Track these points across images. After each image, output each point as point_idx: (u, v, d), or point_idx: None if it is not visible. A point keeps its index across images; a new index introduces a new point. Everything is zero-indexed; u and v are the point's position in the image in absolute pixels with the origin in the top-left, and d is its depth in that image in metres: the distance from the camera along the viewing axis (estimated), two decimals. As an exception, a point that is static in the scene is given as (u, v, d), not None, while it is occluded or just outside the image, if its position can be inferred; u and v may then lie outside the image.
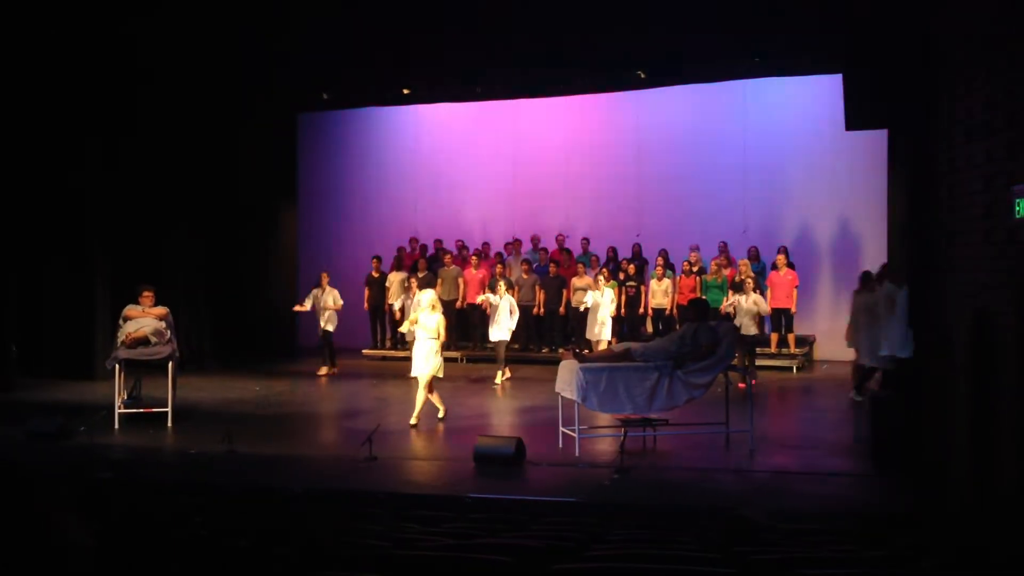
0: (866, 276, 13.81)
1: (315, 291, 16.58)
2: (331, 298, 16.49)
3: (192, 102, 17.05)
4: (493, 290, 16.36)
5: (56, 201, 16.21)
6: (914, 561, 5.13)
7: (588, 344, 16.31)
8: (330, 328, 16.66)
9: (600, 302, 16.18)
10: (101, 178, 16.49)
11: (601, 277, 16.63)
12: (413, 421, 12.15)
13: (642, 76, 16.17)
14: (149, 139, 16.94)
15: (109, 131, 16.42)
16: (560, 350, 16.36)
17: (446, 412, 12.55)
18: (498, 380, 15.80)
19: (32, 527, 1.89)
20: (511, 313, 15.84)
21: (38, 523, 1.91)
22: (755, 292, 15.55)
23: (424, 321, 12.28)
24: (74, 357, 16.06)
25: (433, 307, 12.28)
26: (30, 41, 15.14)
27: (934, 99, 8.87)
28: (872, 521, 7.75)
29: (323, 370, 16.76)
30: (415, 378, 12.42)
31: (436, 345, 12.22)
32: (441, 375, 12.39)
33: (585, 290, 17.34)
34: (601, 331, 16.22)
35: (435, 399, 12.49)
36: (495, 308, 15.89)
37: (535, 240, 19.96)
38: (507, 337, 15.96)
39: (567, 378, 10.73)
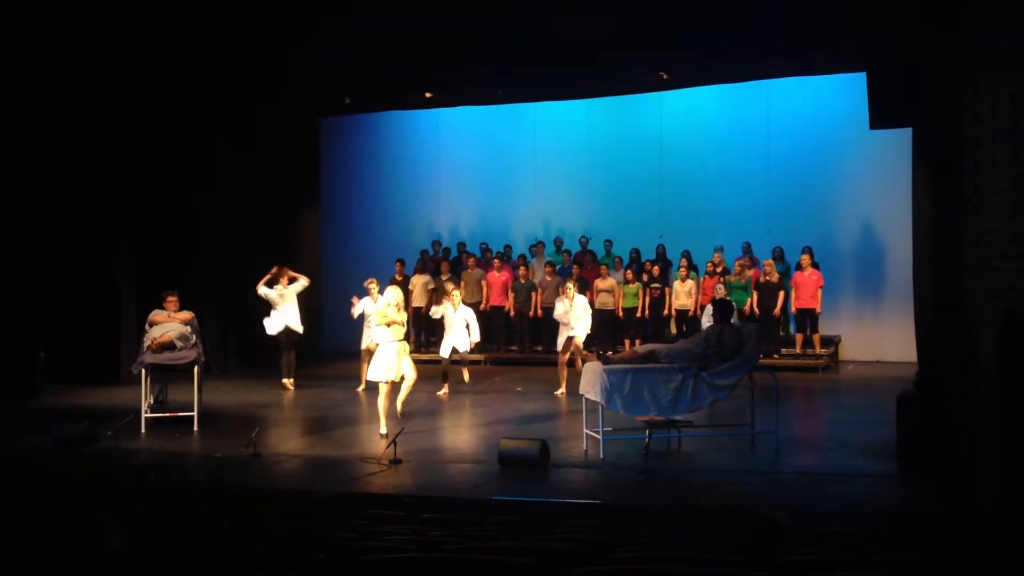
0: None
1: (276, 288, 15.57)
2: (300, 285, 15.57)
3: (215, 107, 17.15)
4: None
5: (82, 207, 16.34)
6: (943, 563, 5.08)
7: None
8: (297, 327, 15.61)
9: (568, 310, 14.61)
10: (127, 184, 16.61)
11: (570, 285, 15.02)
12: (383, 430, 11.68)
13: (665, 77, 16.13)
14: (174, 146, 17.06)
15: (139, 141, 16.56)
16: (584, 352, 16.30)
17: (400, 430, 11.31)
18: (443, 391, 14.93)
19: (63, 531, 1.90)
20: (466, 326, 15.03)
21: (69, 527, 1.92)
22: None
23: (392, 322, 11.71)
24: (100, 363, 16.19)
25: (399, 307, 11.74)
26: (57, 49, 15.28)
27: (959, 97, 8.80)
28: (900, 522, 7.68)
29: (288, 382, 15.79)
30: (383, 383, 11.75)
31: (405, 347, 11.76)
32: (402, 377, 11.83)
33: (610, 292, 17.34)
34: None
35: (382, 408, 11.75)
36: (451, 320, 14.97)
37: (558, 242, 19.95)
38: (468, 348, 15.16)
39: (591, 380, 10.70)
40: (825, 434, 12.49)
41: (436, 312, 15.52)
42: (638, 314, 18.05)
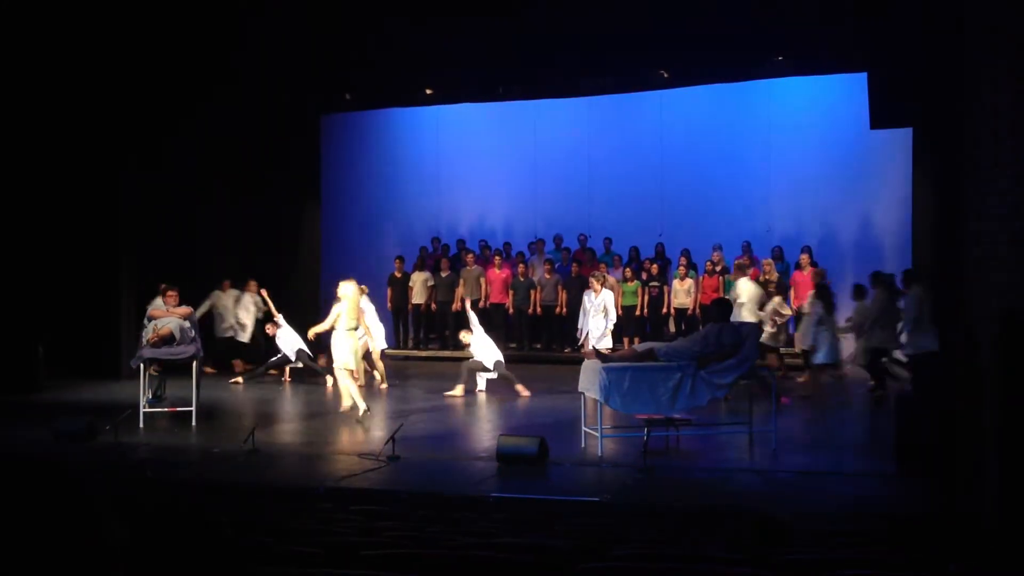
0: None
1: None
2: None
3: (216, 107, 17.12)
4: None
5: (83, 202, 16.33)
6: (941, 563, 5.09)
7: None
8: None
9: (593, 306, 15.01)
10: (129, 180, 16.61)
11: (594, 278, 15.38)
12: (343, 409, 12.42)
13: (665, 75, 16.12)
14: (176, 143, 17.05)
15: (142, 135, 16.55)
16: (582, 350, 16.30)
17: (365, 413, 12.34)
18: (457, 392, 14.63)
19: (66, 525, 1.89)
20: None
21: (72, 520, 1.91)
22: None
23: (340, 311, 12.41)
24: (99, 357, 16.19)
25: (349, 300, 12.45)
26: (71, 45, 15.26)
27: (960, 97, 8.80)
28: (898, 522, 7.69)
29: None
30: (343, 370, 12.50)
31: (349, 336, 12.37)
32: (351, 367, 12.43)
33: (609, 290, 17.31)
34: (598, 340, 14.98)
35: (354, 390, 12.51)
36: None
37: (557, 240, 19.94)
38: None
39: (590, 378, 10.70)
40: (824, 433, 12.48)
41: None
42: (637, 312, 18.04)
